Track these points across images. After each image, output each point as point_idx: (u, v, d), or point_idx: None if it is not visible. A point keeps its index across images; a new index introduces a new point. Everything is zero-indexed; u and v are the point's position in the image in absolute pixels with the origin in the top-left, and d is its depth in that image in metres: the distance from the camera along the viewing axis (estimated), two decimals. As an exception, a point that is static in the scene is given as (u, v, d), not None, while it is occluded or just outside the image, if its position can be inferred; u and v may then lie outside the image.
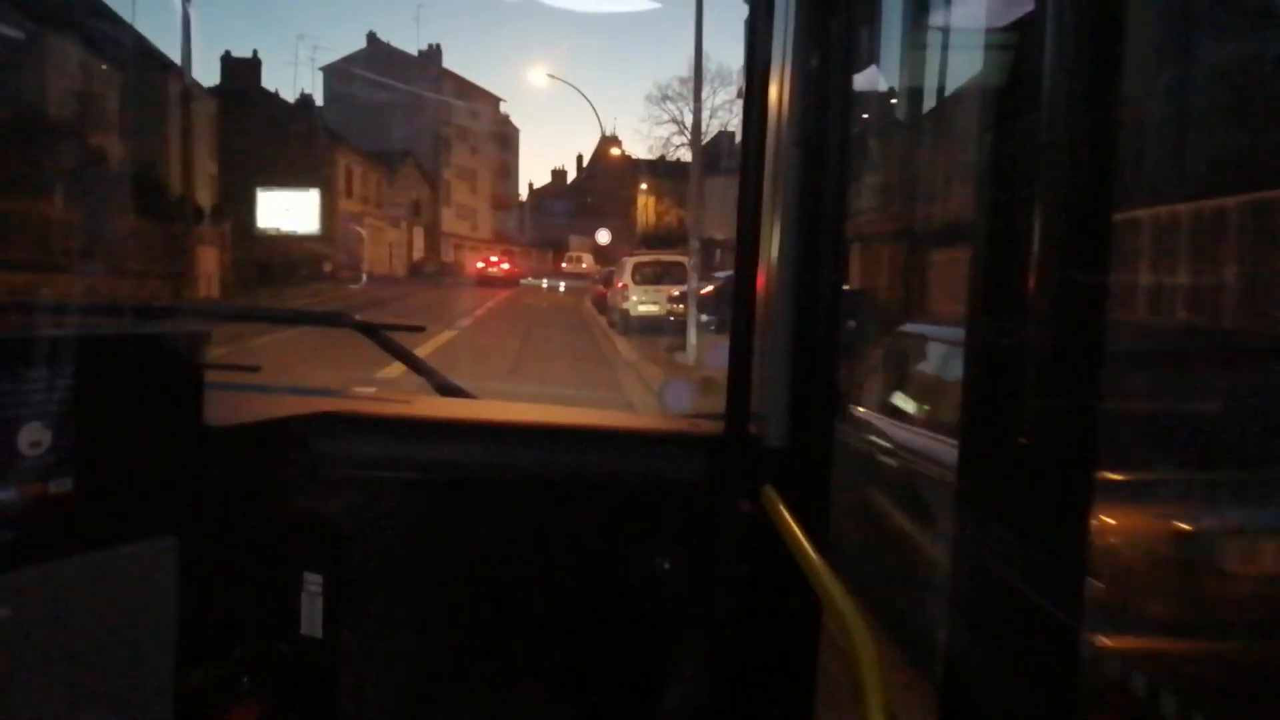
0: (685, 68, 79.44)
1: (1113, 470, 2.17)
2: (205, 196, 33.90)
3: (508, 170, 68.77)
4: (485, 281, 38.44)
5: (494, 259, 47.68)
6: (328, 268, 40.58)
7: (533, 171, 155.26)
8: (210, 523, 1.40)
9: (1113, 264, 0.88)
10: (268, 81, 70.41)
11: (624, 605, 1.61)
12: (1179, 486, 2.64)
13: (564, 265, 54.05)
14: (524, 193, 77.61)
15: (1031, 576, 0.87)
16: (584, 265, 52.52)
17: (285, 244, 39.49)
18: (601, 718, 1.64)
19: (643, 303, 19.28)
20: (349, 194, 43.79)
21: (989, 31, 1.00)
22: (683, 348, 14.46)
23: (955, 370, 2.62)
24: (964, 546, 0.99)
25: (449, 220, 58.05)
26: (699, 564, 1.55)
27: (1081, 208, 0.87)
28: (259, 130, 38.18)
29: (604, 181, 78.23)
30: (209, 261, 27.14)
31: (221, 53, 39.96)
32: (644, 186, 61.29)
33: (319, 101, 48.90)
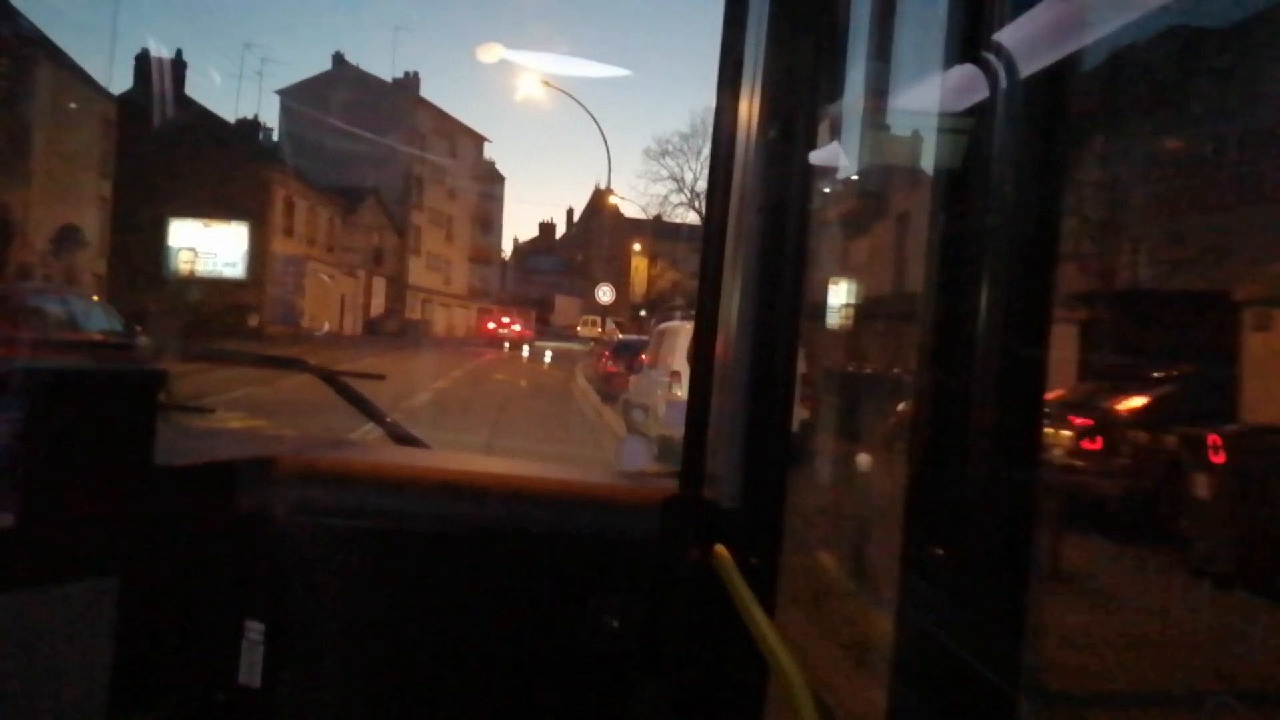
0: (685, 123, 73.38)
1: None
2: (88, 220, 26.29)
3: (489, 221, 61.28)
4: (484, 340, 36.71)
5: (505, 320, 49.84)
6: (254, 320, 32.54)
7: (517, 225, 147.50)
8: (154, 565, 1.41)
9: (1050, 337, 0.91)
10: (219, 105, 64.14)
11: (571, 663, 1.61)
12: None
13: (578, 330, 48.62)
14: (507, 249, 70.32)
15: (971, 642, 0.88)
16: (599, 330, 46.14)
17: (203, 289, 31.60)
18: None
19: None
20: (288, 231, 35.84)
21: (943, 115, 1.05)
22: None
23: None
24: (906, 613, 1.00)
25: (418, 271, 50.12)
26: (648, 622, 1.57)
27: (1024, 285, 0.91)
28: (178, 147, 30.25)
29: (597, 239, 71.22)
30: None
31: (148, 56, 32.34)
32: (637, 247, 55.21)
33: (273, 128, 41.50)
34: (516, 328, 47.44)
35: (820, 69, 1.56)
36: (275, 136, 40.74)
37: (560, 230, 73.25)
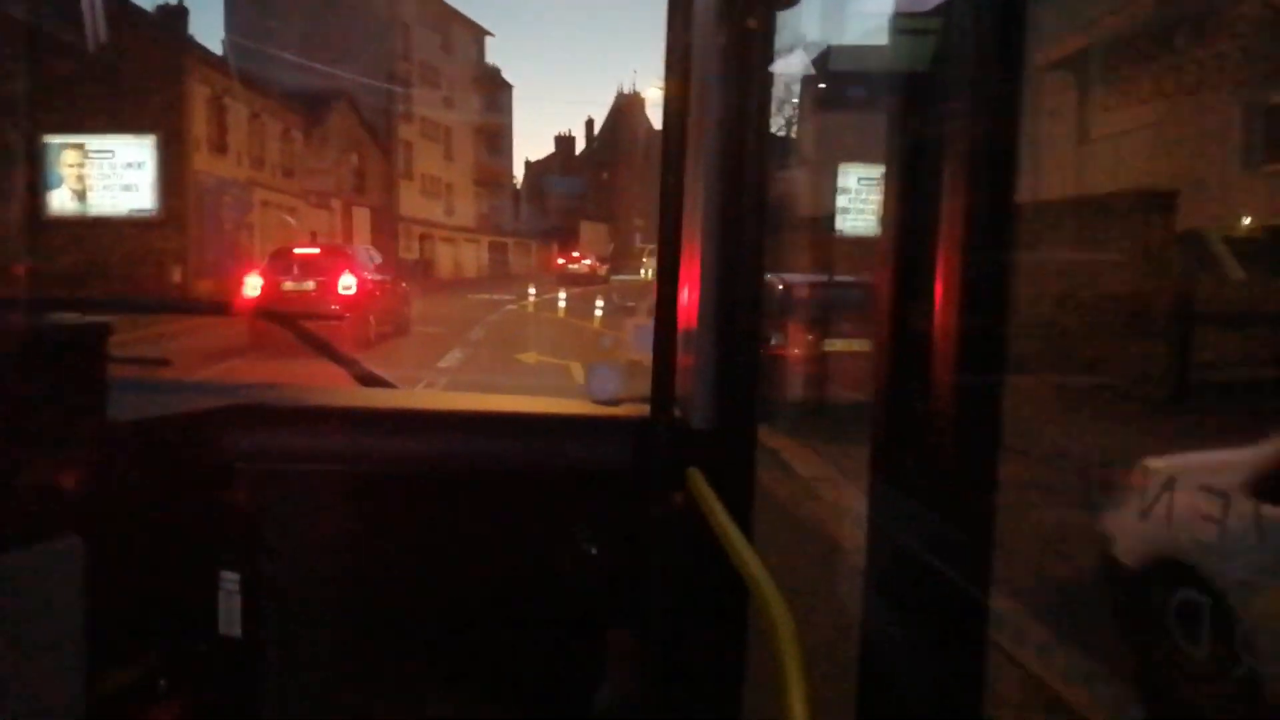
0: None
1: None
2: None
3: (497, 137, 51.02)
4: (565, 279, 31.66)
5: (575, 254, 45.04)
6: (176, 275, 23.06)
7: (527, 146, 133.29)
8: (119, 522, 1.39)
9: (1016, 253, 0.92)
10: None
11: (552, 594, 1.62)
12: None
13: (645, 263, 39.70)
14: (519, 173, 60.13)
15: (941, 550, 0.90)
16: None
17: (97, 232, 22.09)
18: (532, 714, 1.64)
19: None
20: (219, 147, 25.81)
21: (902, 16, 1.04)
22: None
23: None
24: (878, 523, 1.01)
25: (411, 200, 40.18)
26: (626, 547, 1.57)
27: (986, 200, 0.90)
28: (53, 38, 20.16)
29: (627, 152, 60.78)
30: None
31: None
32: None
33: (219, 28, 31.05)
34: (588, 262, 42.34)
35: None
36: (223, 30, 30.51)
37: (580, 144, 62.72)
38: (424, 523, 1.61)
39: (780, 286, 9.15)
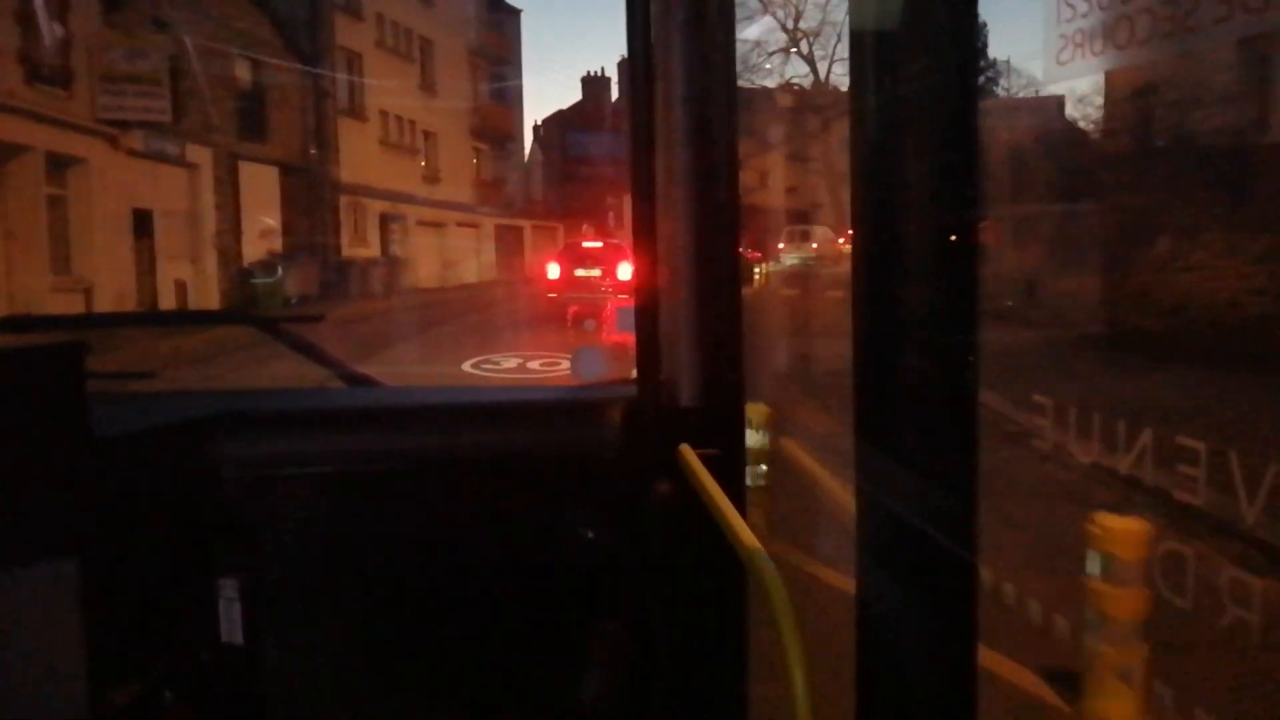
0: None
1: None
2: None
3: (501, 63, 34.78)
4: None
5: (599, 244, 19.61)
6: None
7: (540, 93, 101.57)
8: (113, 537, 1.37)
9: (982, 202, 0.94)
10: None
11: (551, 581, 1.62)
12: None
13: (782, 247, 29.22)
14: (529, 129, 43.91)
15: (930, 515, 0.91)
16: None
17: None
18: (532, 705, 1.64)
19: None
20: None
21: None
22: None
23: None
24: (868, 490, 1.02)
25: (361, 155, 23.78)
26: (621, 528, 1.59)
27: (951, 151, 0.90)
28: None
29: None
30: None
31: None
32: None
33: None
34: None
35: None
36: None
37: (614, 91, 46.09)
38: (418, 518, 1.61)
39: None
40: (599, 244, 18.36)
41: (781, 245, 29.28)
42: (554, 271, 17.06)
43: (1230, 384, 6.68)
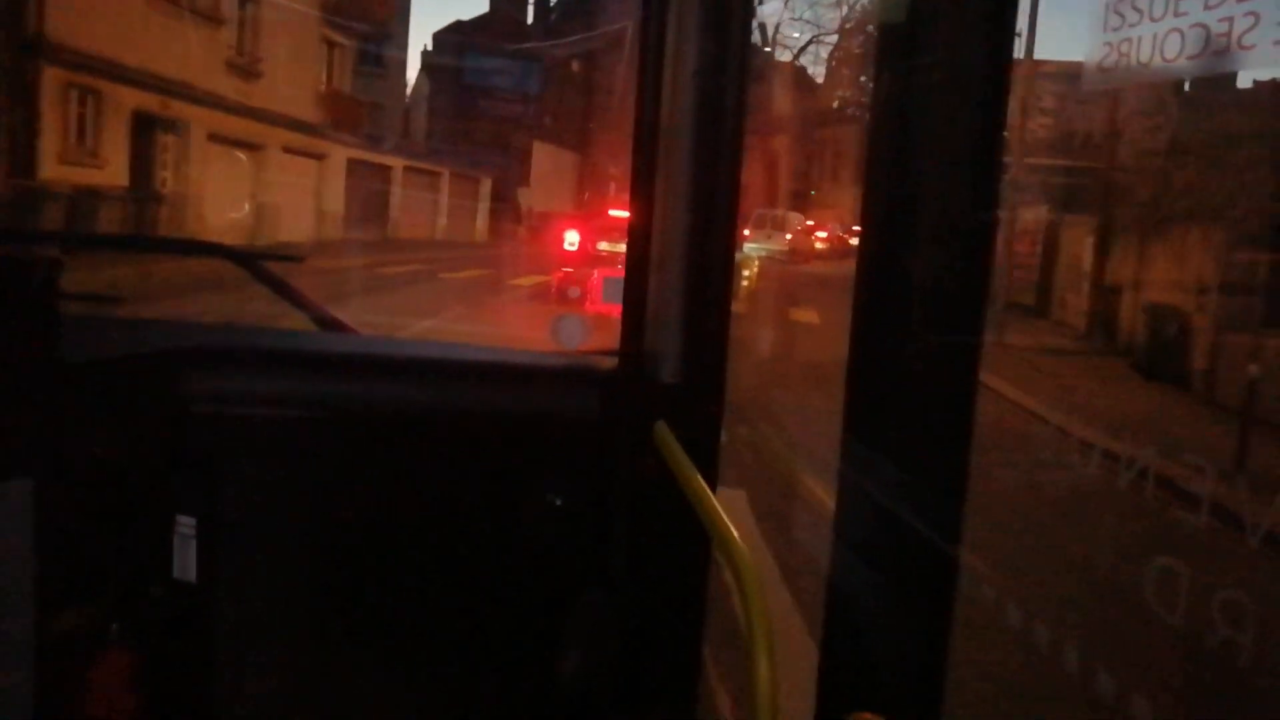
0: None
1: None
2: None
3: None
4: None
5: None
6: None
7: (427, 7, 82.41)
8: (71, 464, 1.38)
9: (999, 197, 0.93)
10: None
11: (517, 544, 1.59)
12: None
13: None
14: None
15: (913, 505, 0.91)
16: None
17: None
18: (498, 669, 1.61)
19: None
20: None
21: None
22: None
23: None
24: (849, 478, 1.03)
25: (96, 6, 13.62)
26: (592, 499, 1.57)
27: (974, 142, 0.91)
28: None
29: (613, 32, 35.05)
30: None
31: None
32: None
33: None
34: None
35: None
36: None
37: (530, 9, 36.14)
38: (385, 470, 1.58)
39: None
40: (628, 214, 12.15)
41: (748, 232, 24.24)
42: (572, 242, 14.27)
43: None
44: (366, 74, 27.58)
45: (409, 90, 31.80)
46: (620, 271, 1.53)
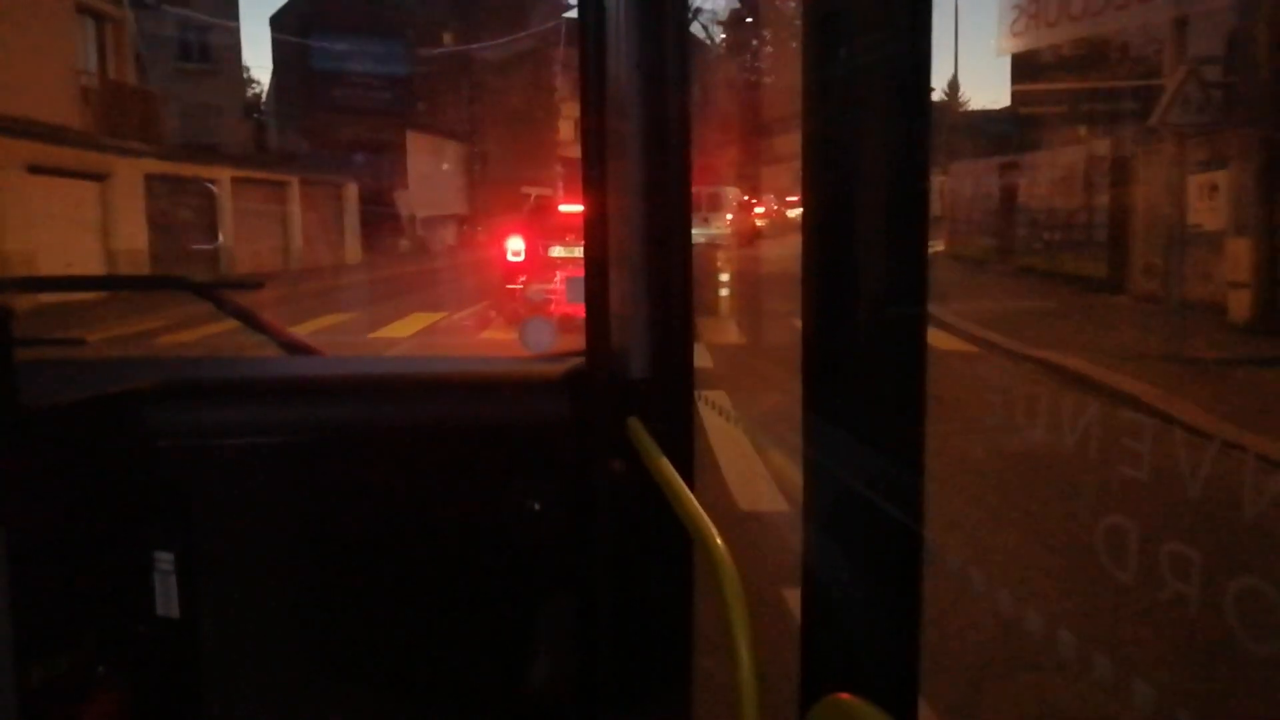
0: None
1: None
2: None
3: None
4: None
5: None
6: None
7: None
8: (42, 509, 1.37)
9: (929, 166, 0.94)
10: None
11: (496, 554, 1.59)
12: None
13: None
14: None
15: (874, 481, 0.92)
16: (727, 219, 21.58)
17: None
18: (479, 680, 1.61)
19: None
20: None
21: None
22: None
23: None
24: (813, 457, 1.04)
25: None
26: (569, 501, 1.57)
27: (903, 114, 0.92)
28: None
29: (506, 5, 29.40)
30: None
31: None
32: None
33: None
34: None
35: None
36: None
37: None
38: (361, 490, 1.57)
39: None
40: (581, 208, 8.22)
41: None
42: (515, 250, 11.48)
43: None
44: (192, 71, 22.02)
45: (263, 91, 25.93)
46: (580, 271, 1.47)
